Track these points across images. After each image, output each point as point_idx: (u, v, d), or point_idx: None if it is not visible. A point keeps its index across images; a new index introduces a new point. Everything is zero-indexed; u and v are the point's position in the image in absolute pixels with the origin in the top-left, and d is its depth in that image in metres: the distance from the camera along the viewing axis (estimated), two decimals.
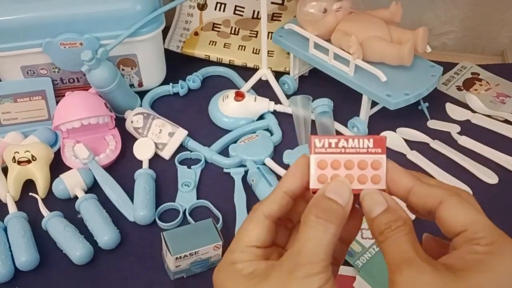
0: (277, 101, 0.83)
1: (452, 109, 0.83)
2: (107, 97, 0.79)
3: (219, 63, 0.92)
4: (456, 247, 0.32)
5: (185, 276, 0.62)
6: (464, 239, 0.31)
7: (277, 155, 0.76)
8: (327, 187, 0.34)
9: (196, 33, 0.93)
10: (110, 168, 0.75)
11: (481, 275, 0.29)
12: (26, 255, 0.62)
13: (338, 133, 0.79)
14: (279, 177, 0.72)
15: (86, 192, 0.71)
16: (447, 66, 0.88)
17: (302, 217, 0.33)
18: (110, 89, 0.78)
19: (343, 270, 0.61)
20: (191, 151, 0.77)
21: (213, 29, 0.93)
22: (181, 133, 0.77)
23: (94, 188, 0.72)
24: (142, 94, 0.86)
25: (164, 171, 0.75)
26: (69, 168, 0.73)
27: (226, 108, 0.80)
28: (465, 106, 0.83)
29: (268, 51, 0.83)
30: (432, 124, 0.80)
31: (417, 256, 0.30)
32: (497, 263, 0.30)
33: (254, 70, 0.88)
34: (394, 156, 0.75)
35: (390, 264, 0.31)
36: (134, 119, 0.79)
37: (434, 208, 0.33)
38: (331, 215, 0.32)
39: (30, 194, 0.71)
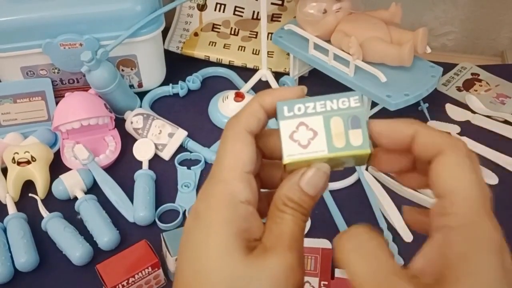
0: None
1: (452, 110, 0.83)
2: (106, 98, 0.79)
3: (219, 64, 0.92)
4: (431, 221, 0.28)
5: None
6: (437, 210, 0.27)
7: None
8: (304, 177, 0.30)
9: (196, 34, 0.93)
10: (109, 169, 0.74)
11: (466, 284, 0.24)
12: (25, 256, 0.62)
13: None
14: None
15: (85, 193, 0.71)
16: (447, 67, 0.88)
17: (273, 204, 0.30)
18: (110, 89, 0.78)
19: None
20: (191, 152, 0.77)
21: (212, 30, 0.93)
22: (181, 134, 0.77)
23: (93, 188, 0.72)
24: (142, 95, 0.86)
25: (164, 172, 0.75)
26: (69, 169, 0.73)
27: (226, 109, 0.80)
28: (465, 106, 0.83)
29: (268, 51, 0.83)
30: (432, 124, 0.80)
31: (395, 277, 0.25)
32: (474, 263, 0.25)
33: (254, 70, 0.88)
34: None
35: (356, 285, 0.26)
36: (134, 120, 0.79)
37: (433, 159, 0.28)
38: (303, 210, 0.30)
39: (30, 195, 0.71)
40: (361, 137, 0.30)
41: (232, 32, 0.93)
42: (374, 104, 0.77)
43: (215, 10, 0.92)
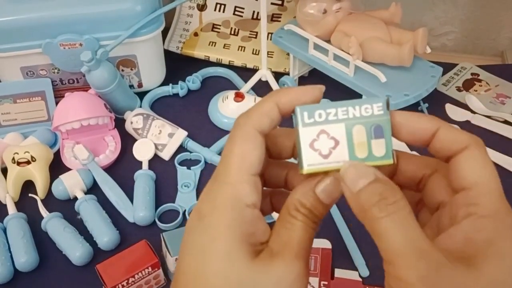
0: None
1: (452, 110, 0.83)
2: (106, 98, 0.79)
3: (218, 64, 0.92)
4: (453, 211, 0.29)
5: None
6: (464, 200, 0.28)
7: None
8: (321, 184, 0.29)
9: (195, 34, 0.93)
10: (109, 169, 0.74)
11: (494, 263, 0.26)
12: (25, 256, 0.62)
13: None
14: None
15: (85, 193, 0.71)
16: (447, 67, 0.88)
17: (284, 208, 0.30)
18: (110, 89, 0.78)
19: (349, 274, 0.60)
20: (190, 152, 0.77)
21: (212, 30, 0.93)
22: (180, 134, 0.77)
23: (93, 189, 0.72)
24: (141, 95, 0.86)
25: (163, 172, 0.75)
26: (69, 169, 0.73)
27: (226, 109, 0.80)
28: (465, 106, 0.83)
29: (268, 51, 0.83)
30: None
31: (432, 247, 0.26)
32: (502, 245, 0.26)
33: (254, 70, 0.88)
34: None
35: (392, 252, 0.26)
36: (133, 120, 0.79)
37: (456, 154, 0.29)
38: (314, 217, 0.29)
39: (30, 195, 0.71)
40: (384, 148, 0.30)
41: (232, 32, 0.93)
42: None
43: (215, 10, 0.92)
